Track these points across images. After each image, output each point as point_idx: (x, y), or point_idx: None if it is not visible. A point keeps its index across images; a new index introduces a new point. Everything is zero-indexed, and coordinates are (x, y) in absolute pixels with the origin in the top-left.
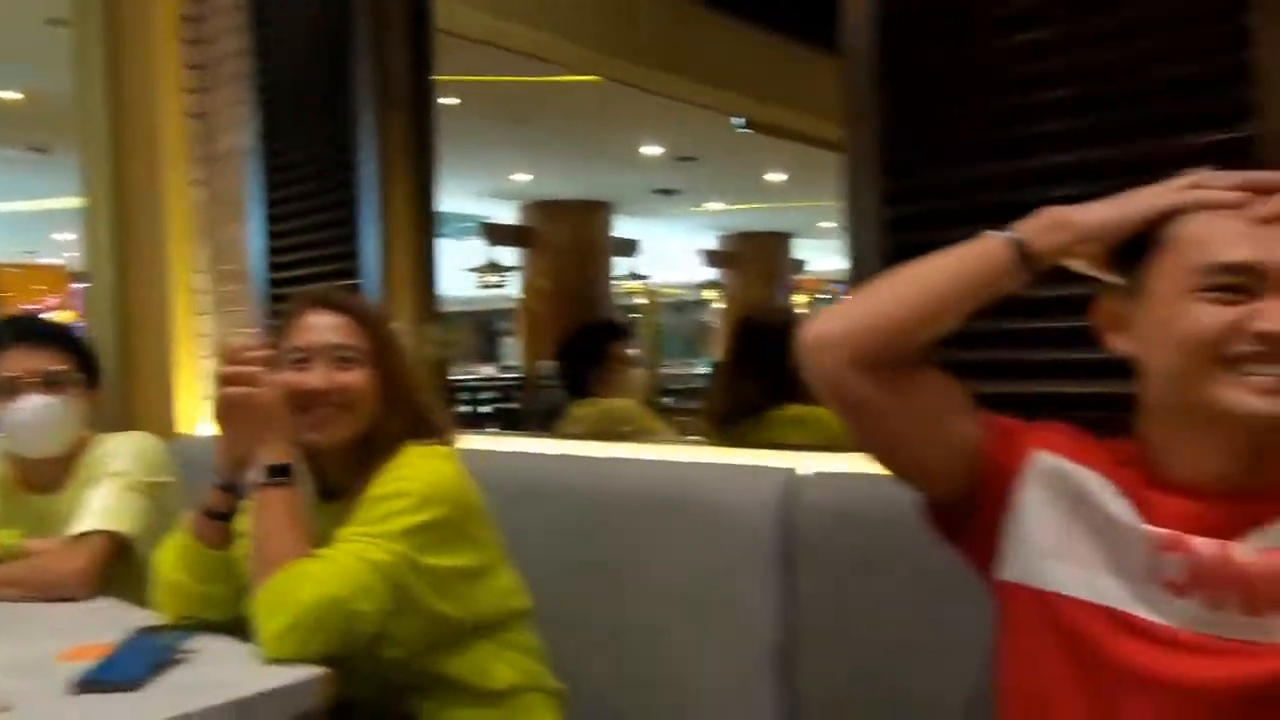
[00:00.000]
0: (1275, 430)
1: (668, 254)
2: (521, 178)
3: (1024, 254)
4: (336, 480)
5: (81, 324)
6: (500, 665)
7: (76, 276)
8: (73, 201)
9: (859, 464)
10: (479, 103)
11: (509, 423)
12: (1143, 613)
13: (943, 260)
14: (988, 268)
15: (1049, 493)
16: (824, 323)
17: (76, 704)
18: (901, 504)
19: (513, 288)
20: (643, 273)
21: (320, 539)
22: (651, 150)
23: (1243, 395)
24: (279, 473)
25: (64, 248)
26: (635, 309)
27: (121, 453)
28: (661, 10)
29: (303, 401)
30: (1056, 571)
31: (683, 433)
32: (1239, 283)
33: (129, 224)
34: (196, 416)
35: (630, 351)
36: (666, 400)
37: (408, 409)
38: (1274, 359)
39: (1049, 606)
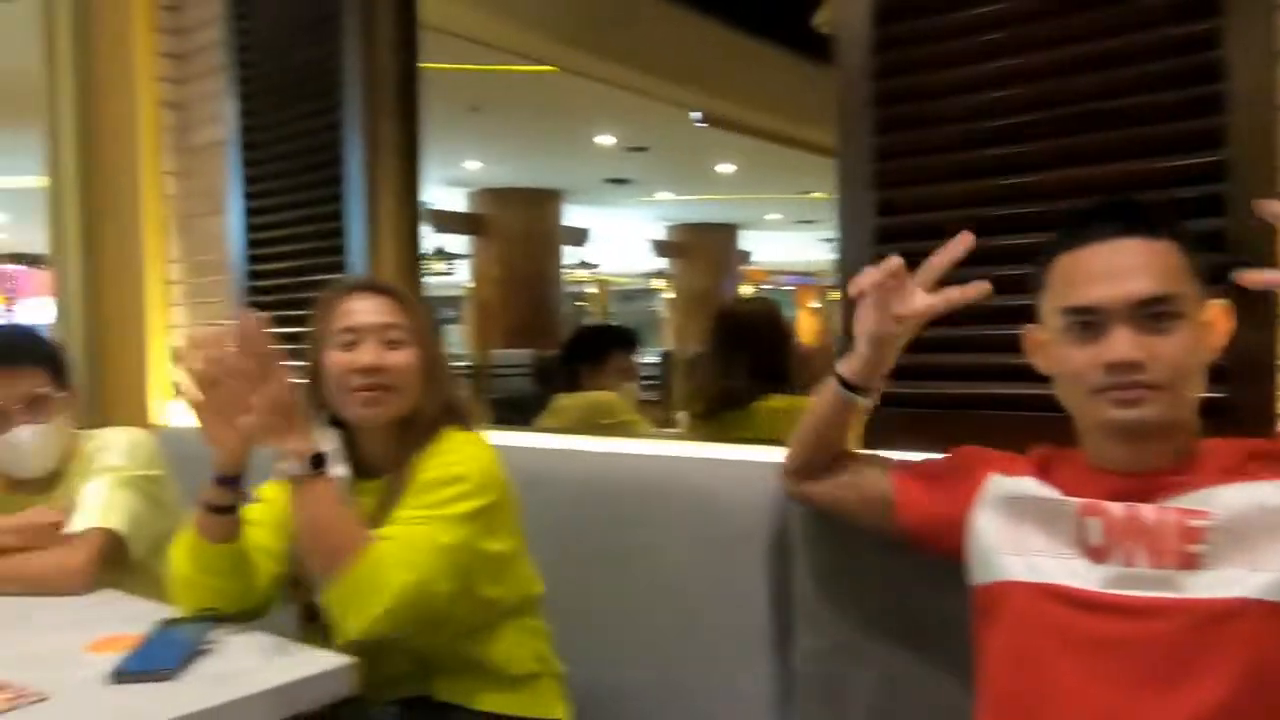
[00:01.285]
0: (1141, 431)
1: (617, 243)
2: (472, 165)
3: (846, 384)
4: (375, 459)
5: (33, 312)
6: (521, 650)
7: (8, 259)
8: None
9: None
10: (432, 90)
11: None
12: (1071, 583)
13: (813, 404)
14: (832, 403)
15: (998, 506)
16: (784, 460)
17: (115, 694)
18: None
19: (459, 275)
20: (592, 261)
21: (366, 518)
22: (604, 140)
23: (1108, 410)
24: (318, 462)
25: None
26: (584, 297)
27: (112, 448)
28: (619, 2)
29: (353, 381)
30: (1004, 563)
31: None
32: (1091, 320)
33: (99, 211)
34: (171, 408)
35: (633, 362)
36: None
37: (443, 392)
38: (1125, 380)
39: (1002, 595)
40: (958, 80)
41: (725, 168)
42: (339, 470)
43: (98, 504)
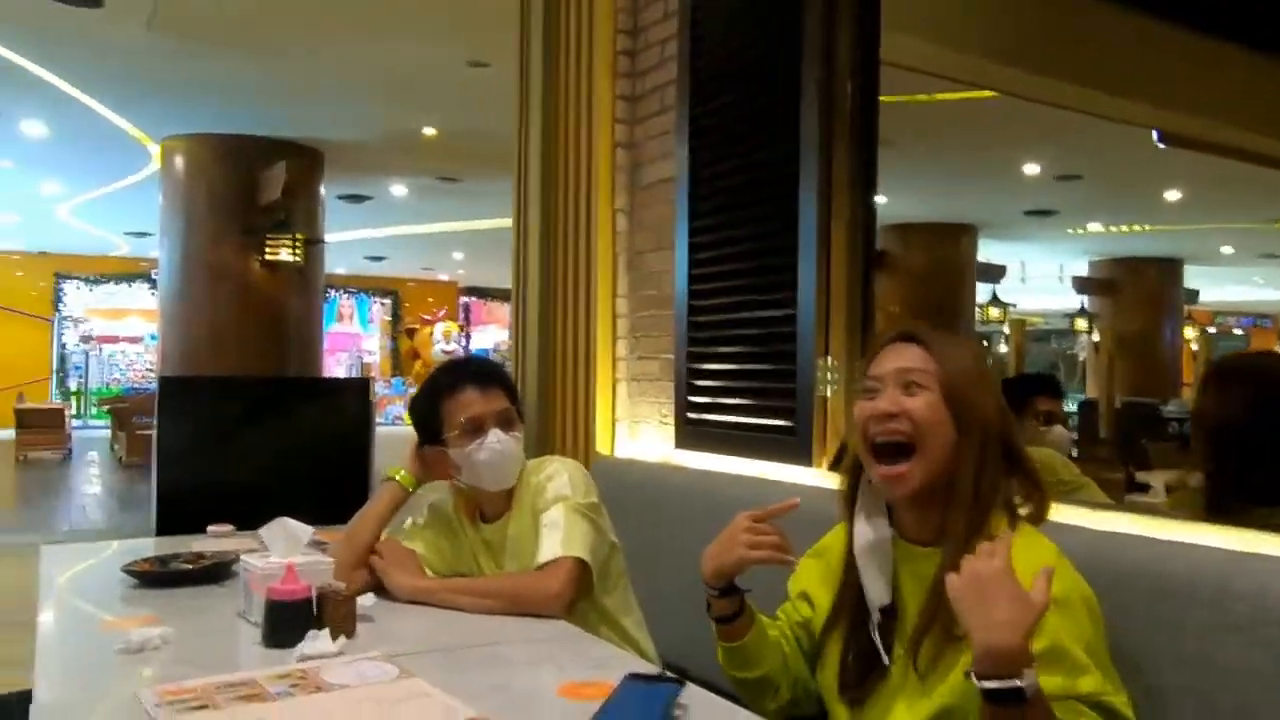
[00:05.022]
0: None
1: (1033, 280)
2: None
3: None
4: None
5: (483, 339)
6: None
7: (465, 292)
8: (470, 225)
9: None
10: None
11: None
12: None
13: None
14: None
15: None
16: None
17: None
18: None
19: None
20: (1006, 300)
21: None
22: (1030, 169)
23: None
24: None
25: (455, 265)
26: (996, 338)
27: (557, 478)
28: (1069, 14)
29: (870, 429)
30: None
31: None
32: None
33: (555, 250)
34: (612, 438)
35: (1056, 408)
36: None
37: (995, 457)
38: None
39: None
40: None
41: (1172, 194)
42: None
43: (562, 532)
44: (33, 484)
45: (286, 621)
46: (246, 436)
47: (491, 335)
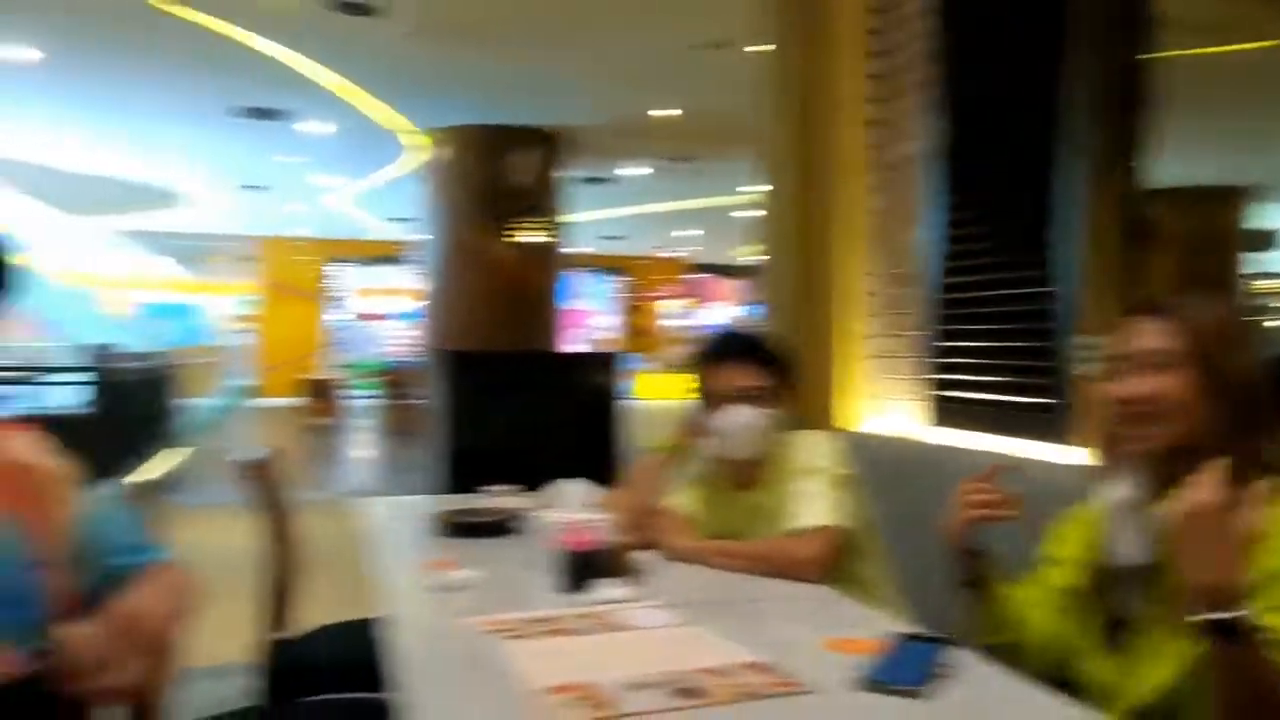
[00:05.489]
0: None
1: None
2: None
3: None
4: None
5: (716, 316)
6: None
7: (695, 268)
8: (703, 203)
9: None
10: None
11: None
12: None
13: None
14: None
15: None
16: None
17: (865, 701)
18: None
19: None
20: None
21: None
22: None
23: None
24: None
25: (680, 243)
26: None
27: (816, 451)
28: None
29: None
30: None
31: None
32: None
33: (802, 228)
34: (858, 413)
35: None
36: None
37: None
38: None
39: None
40: None
41: None
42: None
43: (824, 502)
44: (316, 448)
45: (580, 570)
46: (514, 405)
47: (720, 311)
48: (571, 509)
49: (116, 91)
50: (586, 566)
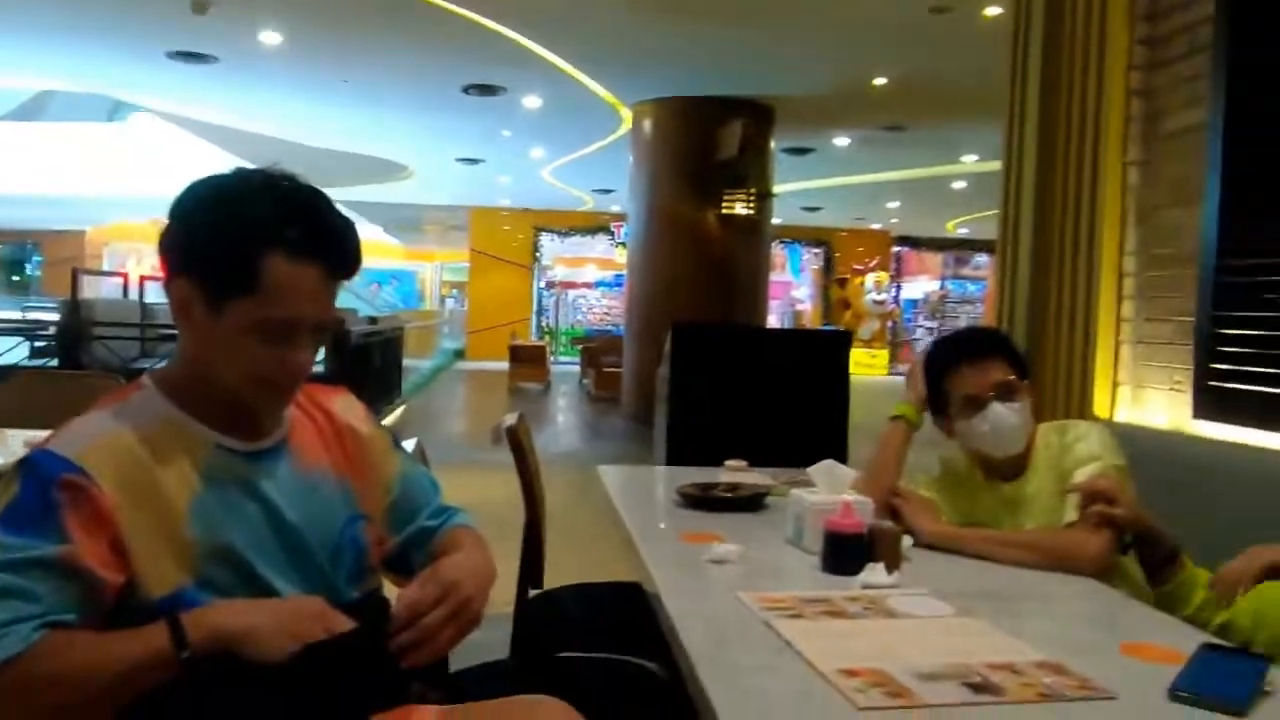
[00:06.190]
0: None
1: None
2: None
3: None
4: None
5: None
6: None
7: (897, 241)
8: (907, 174)
9: None
10: None
11: None
12: None
13: None
14: None
15: None
16: None
17: (1176, 712)
18: None
19: None
20: None
21: None
22: None
23: None
24: None
25: (889, 215)
26: None
27: (1087, 439)
28: None
29: None
30: None
31: None
32: None
33: (1052, 204)
34: (1113, 402)
35: None
36: None
37: None
38: None
39: None
40: None
41: None
42: None
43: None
44: (526, 410)
45: (845, 551)
46: (739, 380)
47: (922, 286)
48: (829, 489)
49: (352, 72)
50: (851, 549)
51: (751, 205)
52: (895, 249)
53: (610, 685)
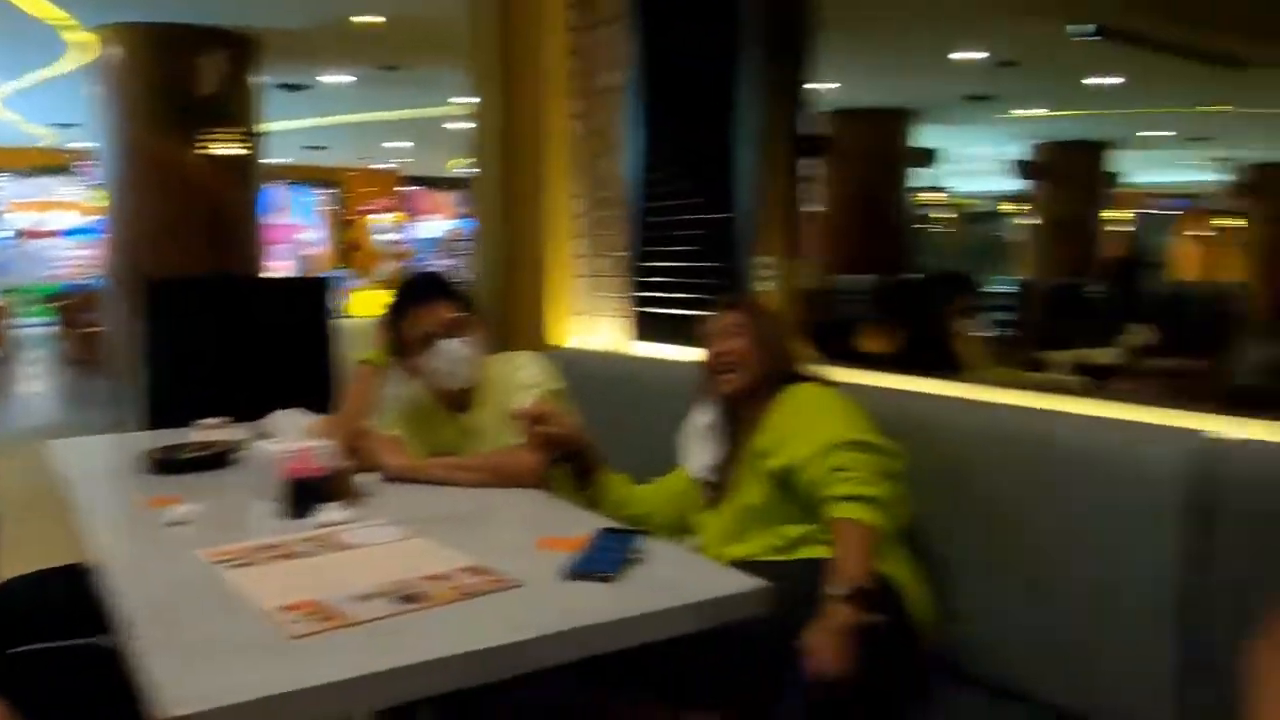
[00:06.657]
0: None
1: (969, 164)
2: (827, 86)
3: None
4: None
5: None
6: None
7: (407, 181)
8: (412, 113)
9: None
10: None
11: None
12: None
13: None
14: None
15: None
16: None
17: (570, 588)
18: None
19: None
20: (941, 184)
21: None
22: (968, 55)
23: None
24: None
25: (392, 155)
26: (930, 220)
27: (525, 370)
28: None
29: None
30: None
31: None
32: None
33: (513, 151)
34: (566, 330)
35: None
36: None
37: None
38: None
39: None
40: None
41: (1108, 80)
42: None
43: None
44: None
45: (303, 496)
46: (218, 333)
47: (439, 225)
48: (290, 437)
49: None
50: (309, 492)
51: (240, 144)
52: (407, 189)
53: (64, 673)
